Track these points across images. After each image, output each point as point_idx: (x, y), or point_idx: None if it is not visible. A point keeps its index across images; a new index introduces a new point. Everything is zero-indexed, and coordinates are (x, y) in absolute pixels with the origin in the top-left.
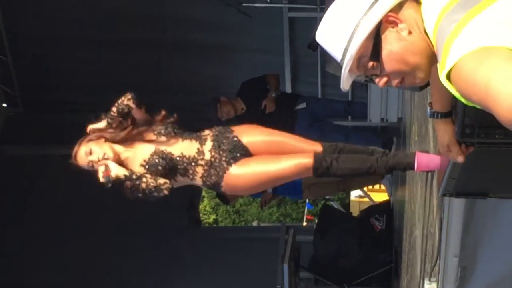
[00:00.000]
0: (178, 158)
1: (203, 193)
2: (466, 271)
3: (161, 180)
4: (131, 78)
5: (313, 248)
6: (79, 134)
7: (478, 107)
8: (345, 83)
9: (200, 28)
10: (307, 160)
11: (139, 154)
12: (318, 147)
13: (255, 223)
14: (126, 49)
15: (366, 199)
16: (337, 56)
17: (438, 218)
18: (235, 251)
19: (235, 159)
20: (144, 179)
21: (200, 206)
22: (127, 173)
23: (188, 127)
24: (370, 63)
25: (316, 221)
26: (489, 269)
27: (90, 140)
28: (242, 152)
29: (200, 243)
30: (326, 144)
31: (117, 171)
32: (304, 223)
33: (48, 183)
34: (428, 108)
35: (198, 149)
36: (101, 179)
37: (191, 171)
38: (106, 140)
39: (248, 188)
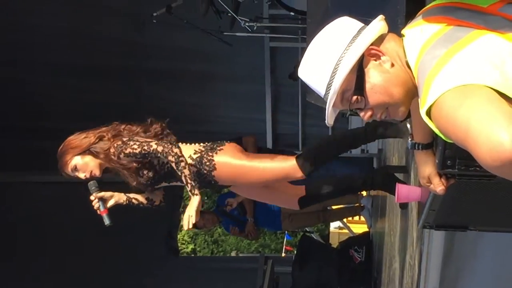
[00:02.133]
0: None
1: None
2: None
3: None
4: (110, 105)
5: (291, 279)
6: (54, 161)
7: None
8: (330, 118)
9: (182, 56)
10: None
11: None
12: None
13: (233, 253)
14: (106, 76)
15: (346, 231)
16: (321, 91)
17: (418, 250)
18: (213, 281)
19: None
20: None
21: (178, 236)
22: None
23: None
24: (354, 97)
25: (295, 252)
26: None
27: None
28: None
29: (178, 272)
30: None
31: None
32: (283, 254)
33: (25, 210)
34: (409, 139)
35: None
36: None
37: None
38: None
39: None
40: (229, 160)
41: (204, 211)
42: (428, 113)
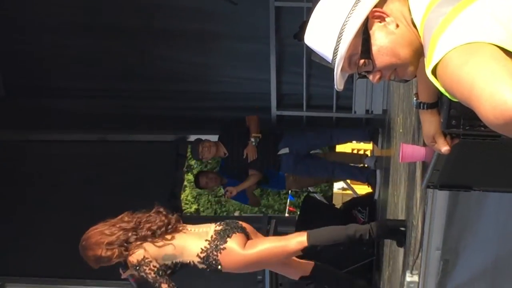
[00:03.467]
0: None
1: (185, 183)
2: (448, 264)
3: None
4: (116, 65)
5: None
6: (61, 119)
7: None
8: (339, 83)
9: (186, 15)
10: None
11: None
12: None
13: (236, 214)
14: (110, 35)
15: (349, 192)
16: (328, 56)
17: (421, 211)
18: None
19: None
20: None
21: (182, 196)
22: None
23: (173, 114)
24: (361, 61)
25: (298, 212)
26: (471, 262)
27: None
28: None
29: None
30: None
31: None
32: (286, 215)
33: (29, 168)
34: (414, 99)
35: None
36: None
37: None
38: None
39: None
40: (233, 258)
41: (208, 171)
42: (434, 72)
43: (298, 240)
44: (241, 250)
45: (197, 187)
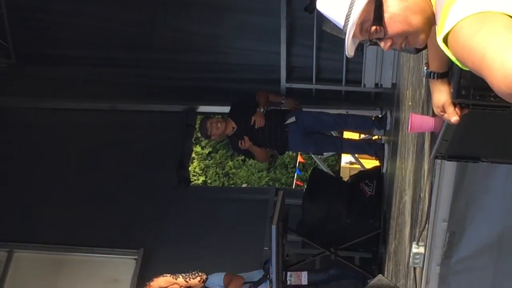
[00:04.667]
0: None
1: (193, 154)
2: (454, 236)
3: None
4: (125, 34)
5: (301, 211)
6: (71, 88)
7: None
8: (350, 49)
9: None
10: None
11: None
12: None
13: (244, 186)
14: (121, 5)
15: (357, 165)
16: (339, 23)
17: (428, 183)
18: (224, 211)
19: None
20: None
21: (190, 168)
22: None
23: (182, 84)
24: (373, 27)
25: (306, 185)
26: (477, 235)
27: None
28: None
29: (189, 202)
30: None
31: None
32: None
33: (39, 136)
34: (424, 68)
35: None
36: None
37: None
38: None
39: None
40: None
41: (218, 120)
42: (445, 40)
43: None
44: None
45: (203, 136)
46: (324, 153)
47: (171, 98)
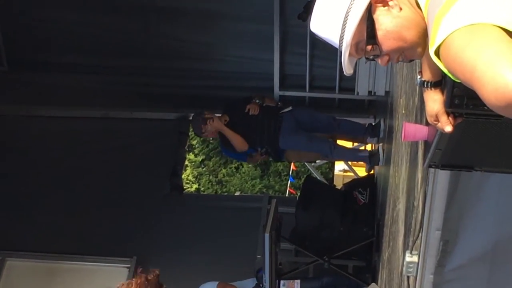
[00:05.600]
0: None
1: (186, 162)
2: (448, 245)
3: None
4: (119, 41)
5: (295, 219)
6: (64, 95)
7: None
8: (347, 68)
9: None
10: None
11: None
12: None
13: (237, 194)
14: (115, 12)
15: (350, 173)
16: (335, 44)
17: (422, 192)
18: (217, 220)
19: None
20: None
21: (183, 175)
22: None
23: (175, 92)
24: (369, 46)
25: (299, 192)
26: (470, 244)
27: None
28: None
29: (182, 210)
30: None
31: None
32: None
33: (31, 143)
34: (418, 77)
35: None
36: None
37: None
38: None
39: None
40: None
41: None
42: (437, 52)
43: None
44: None
45: (196, 132)
46: (317, 161)
47: (164, 105)
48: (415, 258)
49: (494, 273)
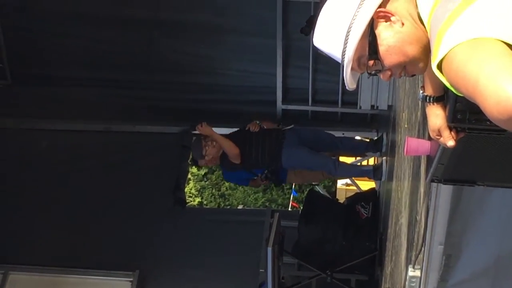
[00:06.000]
0: None
1: (189, 176)
2: (450, 259)
3: None
4: (122, 55)
5: (297, 233)
6: (67, 109)
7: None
8: (350, 83)
9: (192, 8)
10: None
11: None
12: None
13: (240, 208)
14: (118, 26)
15: (353, 187)
16: (338, 58)
17: (424, 206)
18: (220, 233)
19: None
20: None
21: (186, 189)
22: None
23: (178, 106)
24: (371, 61)
25: (302, 206)
26: (473, 258)
27: None
28: None
29: (185, 223)
30: None
31: None
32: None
33: (33, 157)
34: (420, 92)
35: None
36: None
37: None
38: None
39: None
40: None
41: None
42: (440, 66)
43: None
44: None
45: (196, 156)
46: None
47: (167, 119)
48: (417, 273)
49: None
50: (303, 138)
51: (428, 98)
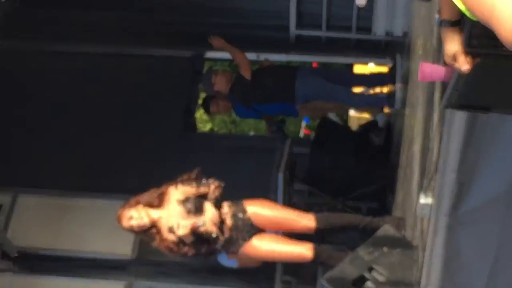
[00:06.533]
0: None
1: (200, 101)
2: (463, 187)
3: None
4: None
5: (309, 160)
6: (78, 31)
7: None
8: None
9: None
10: (308, 254)
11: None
12: (311, 222)
13: (252, 133)
14: None
15: (366, 115)
16: None
17: (438, 133)
18: (230, 159)
19: (249, 236)
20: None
21: (197, 115)
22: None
23: (189, 30)
24: None
25: (314, 133)
26: (486, 186)
27: (130, 206)
28: (253, 232)
29: (195, 148)
30: (318, 217)
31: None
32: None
33: (45, 80)
34: (437, 16)
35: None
36: None
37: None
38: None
39: (258, 260)
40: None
41: (218, 98)
42: None
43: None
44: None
45: (206, 87)
46: None
47: (178, 43)
48: (429, 200)
49: (508, 216)
50: (316, 73)
51: (444, 22)
